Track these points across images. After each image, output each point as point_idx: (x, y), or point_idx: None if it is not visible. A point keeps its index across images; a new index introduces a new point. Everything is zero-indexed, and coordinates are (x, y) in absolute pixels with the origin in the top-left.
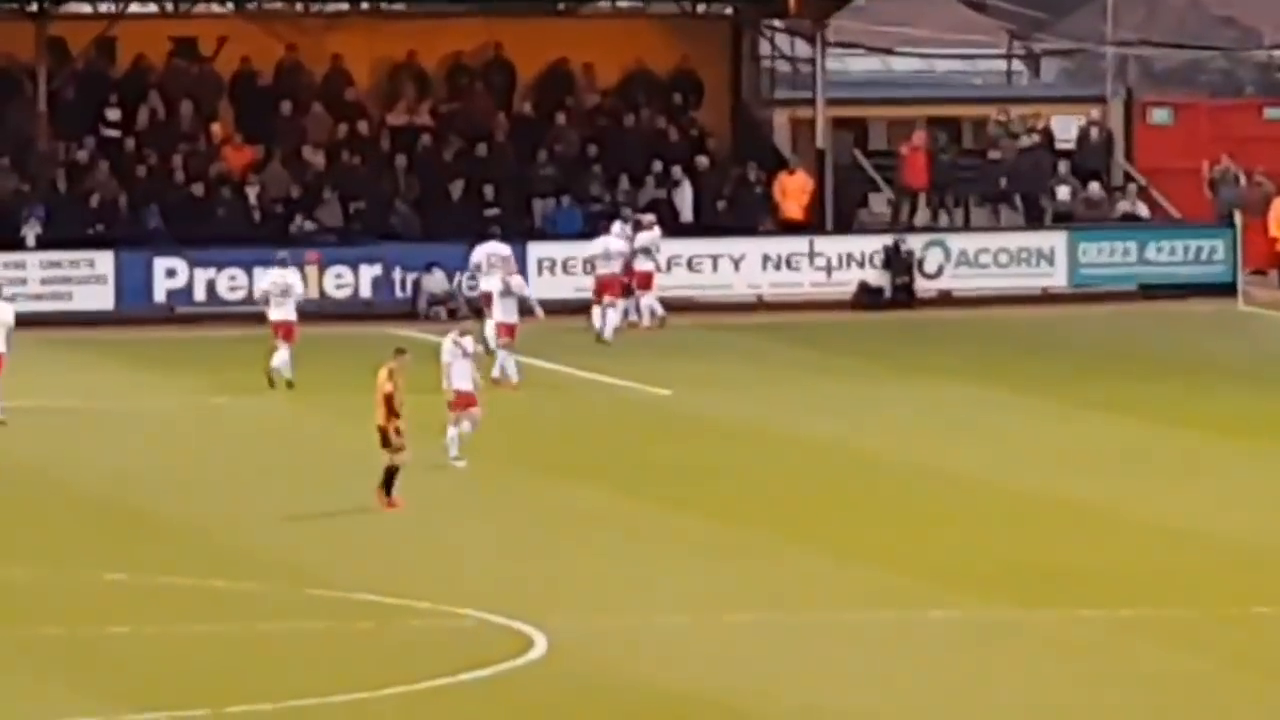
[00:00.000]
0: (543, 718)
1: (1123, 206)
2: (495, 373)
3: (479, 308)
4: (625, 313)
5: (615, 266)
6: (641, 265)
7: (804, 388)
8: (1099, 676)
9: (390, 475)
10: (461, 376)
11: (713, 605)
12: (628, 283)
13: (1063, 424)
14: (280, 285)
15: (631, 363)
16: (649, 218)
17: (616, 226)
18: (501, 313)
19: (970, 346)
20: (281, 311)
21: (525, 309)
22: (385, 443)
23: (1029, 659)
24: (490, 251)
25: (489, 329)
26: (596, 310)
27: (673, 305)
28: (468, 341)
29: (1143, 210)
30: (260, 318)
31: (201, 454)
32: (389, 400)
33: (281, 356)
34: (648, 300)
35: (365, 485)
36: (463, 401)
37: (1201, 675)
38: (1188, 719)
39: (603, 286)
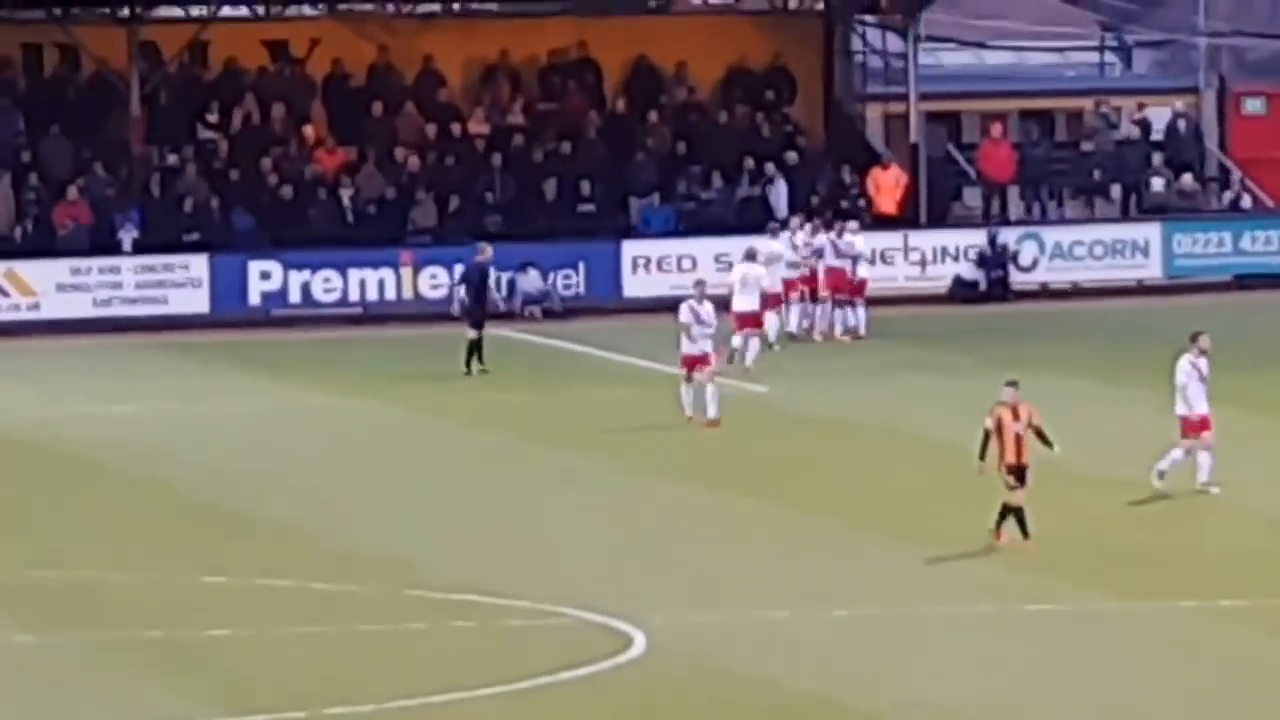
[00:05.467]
0: (643, 716)
1: (1227, 196)
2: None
3: None
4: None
5: (776, 277)
6: (861, 271)
7: (900, 382)
8: (1200, 667)
9: (1004, 513)
10: (1198, 398)
11: (813, 599)
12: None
13: (1160, 415)
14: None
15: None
16: (853, 223)
17: (784, 234)
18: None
19: (1066, 339)
20: (744, 302)
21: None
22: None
23: (1130, 650)
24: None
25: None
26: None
27: (767, 300)
28: (1204, 363)
29: (1243, 200)
30: (353, 319)
31: (299, 456)
32: (990, 435)
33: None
34: (861, 310)
35: (462, 484)
36: (1196, 426)
37: None
38: None
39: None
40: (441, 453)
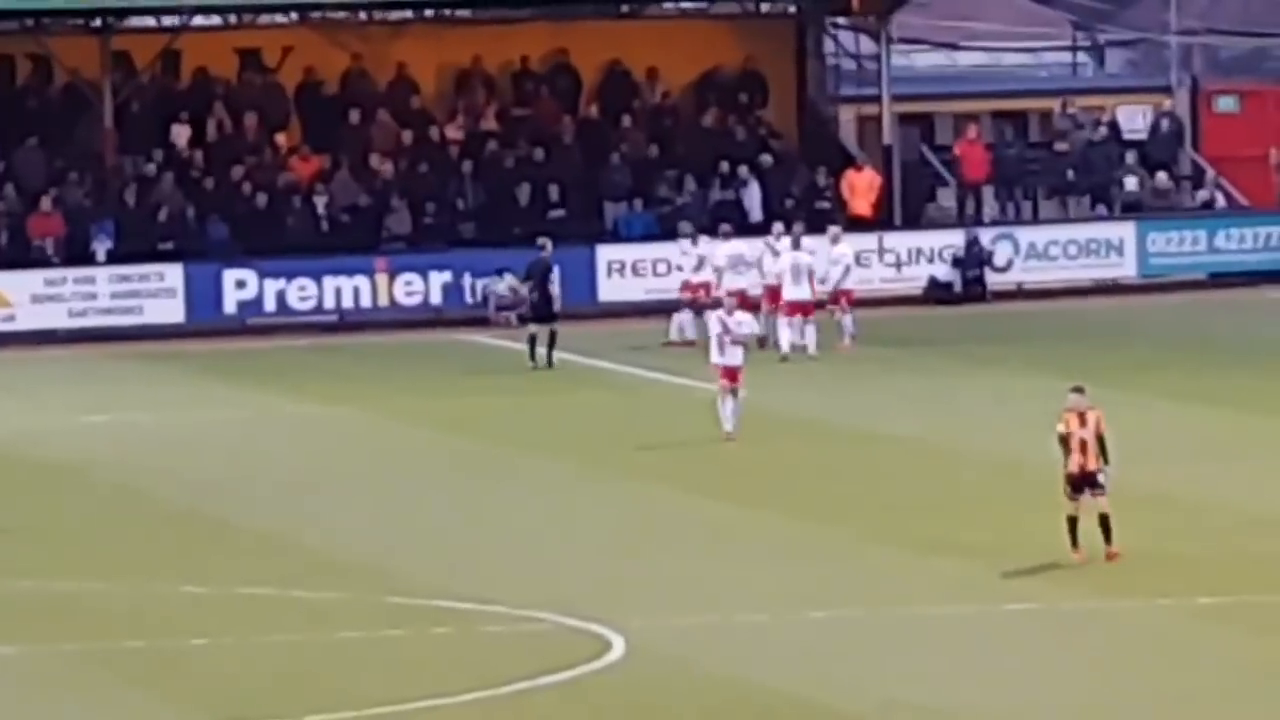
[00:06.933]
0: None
1: (1201, 195)
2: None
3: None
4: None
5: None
6: (844, 283)
7: (878, 384)
8: (1178, 664)
9: (1071, 526)
10: None
11: (793, 603)
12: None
13: (1136, 414)
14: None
15: (703, 363)
16: (834, 229)
17: (784, 242)
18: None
19: (1042, 339)
20: (796, 291)
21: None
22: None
23: (1108, 648)
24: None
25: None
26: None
27: (744, 304)
28: None
29: (1217, 199)
30: (329, 327)
31: (277, 464)
32: (1064, 441)
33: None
34: (848, 320)
35: (440, 490)
36: None
37: None
38: (1270, 704)
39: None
40: (419, 459)
